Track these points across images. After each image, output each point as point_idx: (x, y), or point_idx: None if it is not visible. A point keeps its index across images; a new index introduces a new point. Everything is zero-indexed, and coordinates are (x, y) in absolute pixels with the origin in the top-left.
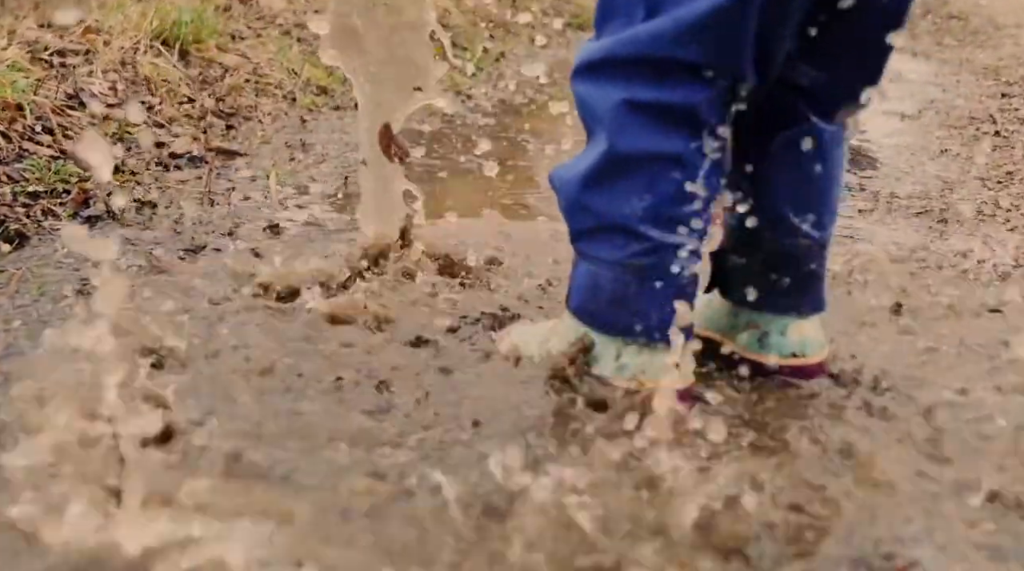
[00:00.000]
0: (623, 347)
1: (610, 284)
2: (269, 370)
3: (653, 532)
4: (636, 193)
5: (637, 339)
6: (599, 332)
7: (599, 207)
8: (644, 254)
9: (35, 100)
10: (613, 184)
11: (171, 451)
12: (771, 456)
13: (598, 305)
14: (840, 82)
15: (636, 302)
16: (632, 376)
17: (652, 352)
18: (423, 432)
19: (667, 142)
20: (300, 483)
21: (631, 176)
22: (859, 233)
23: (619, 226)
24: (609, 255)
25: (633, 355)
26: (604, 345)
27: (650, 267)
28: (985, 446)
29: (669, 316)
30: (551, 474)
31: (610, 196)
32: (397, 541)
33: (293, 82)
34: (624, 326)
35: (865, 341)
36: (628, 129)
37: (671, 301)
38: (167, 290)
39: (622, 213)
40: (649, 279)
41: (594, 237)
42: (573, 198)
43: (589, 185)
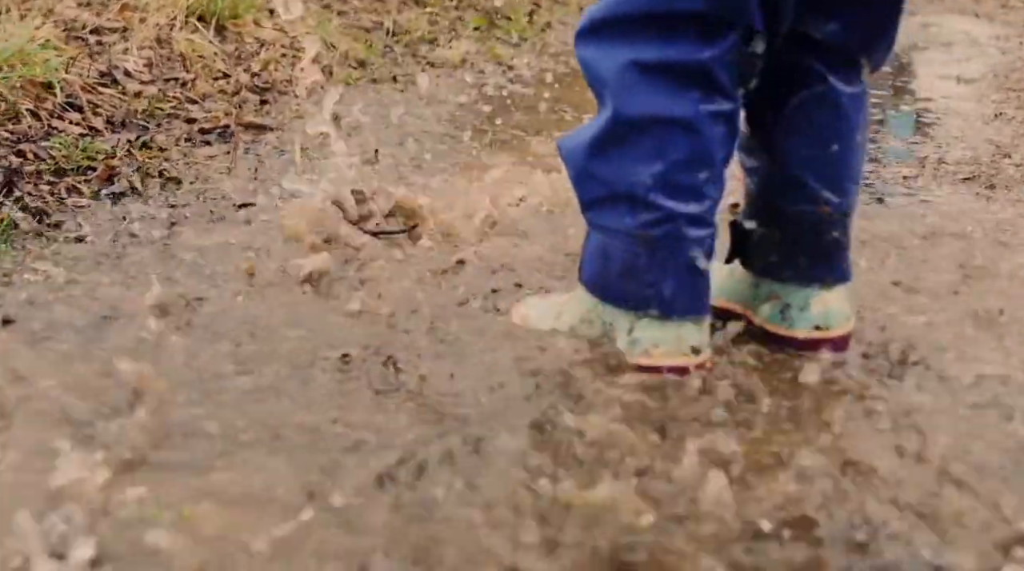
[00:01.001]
0: (635, 321)
1: (620, 255)
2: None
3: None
4: (645, 160)
5: (649, 312)
6: (611, 305)
7: (607, 175)
8: (654, 224)
9: (65, 78)
10: (621, 151)
11: None
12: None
13: (609, 277)
14: (852, 34)
15: (647, 274)
16: (644, 351)
17: (665, 326)
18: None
19: (676, 105)
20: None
21: (639, 142)
22: (897, 199)
23: (628, 195)
24: (619, 225)
25: (645, 329)
26: (616, 319)
27: (661, 237)
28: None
29: (683, 288)
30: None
31: (618, 163)
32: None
33: (330, 55)
34: (636, 299)
35: (897, 312)
36: (634, 92)
37: (684, 273)
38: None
39: (630, 181)
40: (660, 250)
41: (603, 206)
42: (581, 166)
43: (596, 152)
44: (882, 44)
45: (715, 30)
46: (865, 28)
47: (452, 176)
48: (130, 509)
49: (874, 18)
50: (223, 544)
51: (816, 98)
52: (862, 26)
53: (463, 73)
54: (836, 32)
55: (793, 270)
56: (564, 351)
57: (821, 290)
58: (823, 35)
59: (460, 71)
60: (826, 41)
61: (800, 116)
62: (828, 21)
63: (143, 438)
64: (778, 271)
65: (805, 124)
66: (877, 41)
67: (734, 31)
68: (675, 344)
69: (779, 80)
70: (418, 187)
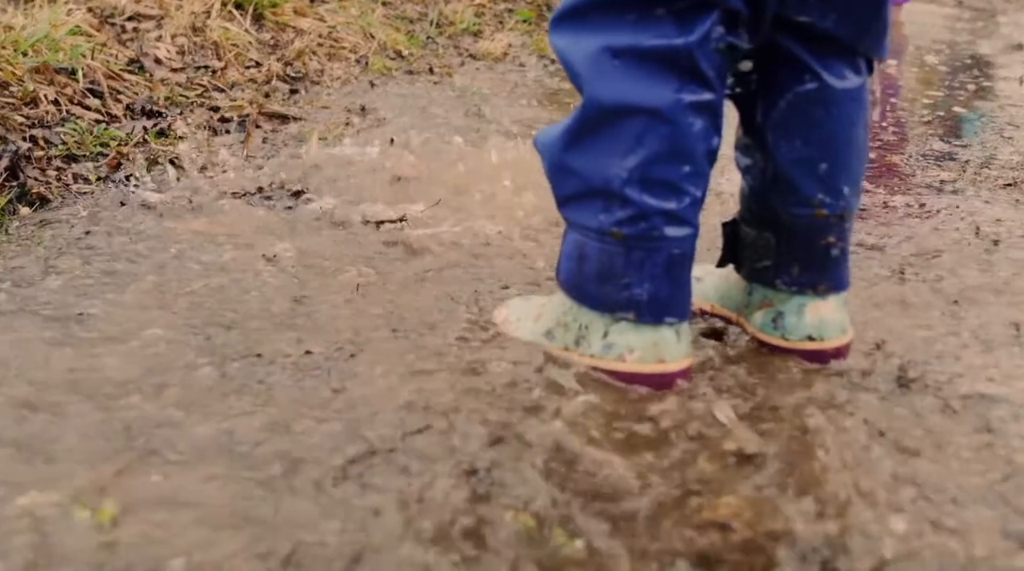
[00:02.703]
0: (610, 325)
1: (595, 255)
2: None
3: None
4: (619, 152)
5: (625, 315)
6: (586, 307)
7: (582, 168)
8: (629, 221)
9: (89, 64)
10: (596, 141)
11: None
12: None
13: (584, 278)
14: (835, 17)
15: (623, 275)
16: (619, 356)
17: (640, 330)
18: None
19: (651, 93)
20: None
21: (613, 132)
22: (929, 203)
23: (603, 190)
24: (594, 223)
25: (620, 333)
26: (591, 322)
27: (637, 236)
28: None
29: (660, 291)
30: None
31: (593, 155)
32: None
33: (368, 46)
34: (611, 302)
35: (901, 325)
36: (609, 78)
37: (662, 275)
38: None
39: (605, 174)
40: (636, 250)
41: (579, 203)
42: (556, 160)
43: (571, 144)
44: (871, 30)
45: (693, 13)
46: (847, 11)
47: (457, 173)
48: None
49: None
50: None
51: (809, 94)
52: (844, 9)
53: (503, 66)
54: (819, 16)
55: (786, 276)
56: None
57: (815, 298)
58: (811, 20)
59: (501, 64)
60: (812, 27)
61: (792, 113)
62: (809, 4)
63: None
64: (771, 277)
65: (797, 122)
66: (863, 26)
67: (713, 14)
68: (650, 350)
69: (770, 75)
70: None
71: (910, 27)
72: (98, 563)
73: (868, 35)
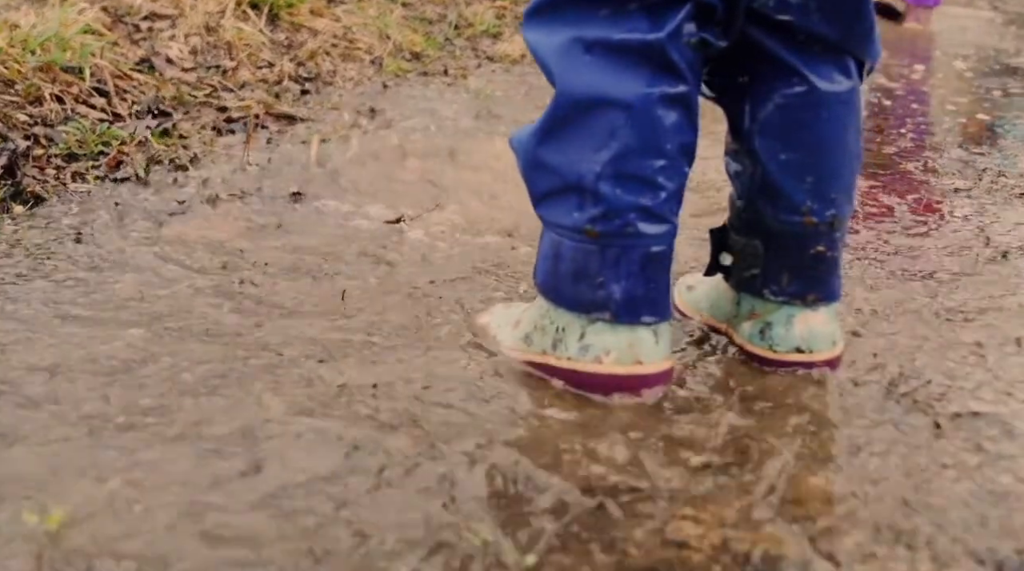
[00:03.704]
0: (587, 326)
1: (571, 254)
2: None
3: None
4: (591, 146)
5: (601, 316)
6: (562, 309)
7: (555, 163)
8: (604, 218)
9: (97, 63)
10: (568, 136)
11: None
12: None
13: (560, 279)
14: (822, 17)
15: (598, 274)
16: (595, 357)
17: (617, 331)
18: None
19: (622, 85)
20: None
21: (585, 125)
22: (937, 213)
23: (576, 185)
24: (568, 221)
25: (596, 334)
26: (568, 324)
27: (612, 233)
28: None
29: (636, 290)
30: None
31: (566, 150)
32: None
33: (383, 47)
34: (586, 302)
35: (897, 337)
36: (580, 71)
37: (638, 273)
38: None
39: (578, 169)
40: (611, 247)
41: (554, 200)
42: (530, 156)
43: (544, 139)
44: (854, 28)
45: (665, 8)
46: (827, 9)
47: (458, 176)
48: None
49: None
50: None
51: (797, 98)
52: (824, 7)
53: (521, 69)
54: (799, 14)
55: (775, 286)
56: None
57: (804, 309)
58: (789, 18)
59: (518, 67)
60: (794, 27)
61: (780, 117)
62: (790, 3)
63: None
64: (759, 287)
65: (785, 126)
66: (846, 24)
67: (685, 8)
68: (627, 351)
69: (757, 79)
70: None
71: (942, 31)
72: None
73: (852, 34)
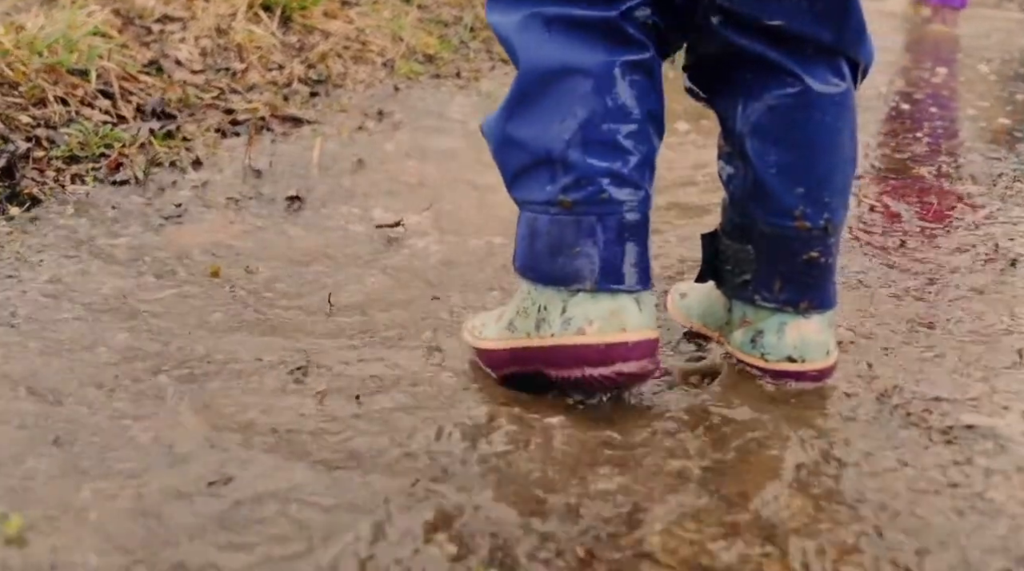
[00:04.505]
0: (568, 299)
1: (546, 228)
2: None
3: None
4: (559, 116)
5: (581, 286)
6: (542, 286)
7: (524, 138)
8: (576, 186)
9: (103, 65)
10: (535, 108)
11: None
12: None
13: (537, 256)
14: (804, 17)
15: (575, 244)
16: (579, 329)
17: (598, 299)
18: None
19: (583, 54)
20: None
21: (550, 95)
22: (946, 219)
23: (546, 157)
24: (541, 194)
25: (578, 305)
26: (549, 301)
27: (585, 201)
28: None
29: (614, 257)
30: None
31: (533, 123)
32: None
33: (396, 49)
34: (565, 274)
35: (895, 347)
36: (542, 45)
37: (614, 239)
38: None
39: (547, 140)
40: (587, 216)
41: (527, 177)
42: (499, 136)
43: (512, 116)
44: (848, 29)
45: None
46: (814, 9)
47: (461, 179)
48: None
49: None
50: None
51: (789, 98)
52: (811, 8)
53: None
54: (790, 17)
55: (766, 292)
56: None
57: (797, 317)
58: (777, 21)
59: None
60: (783, 30)
61: (772, 118)
62: (768, 2)
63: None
64: (751, 293)
65: (777, 127)
66: (837, 25)
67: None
68: (610, 320)
69: (748, 79)
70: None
71: (968, 34)
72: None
73: (844, 36)
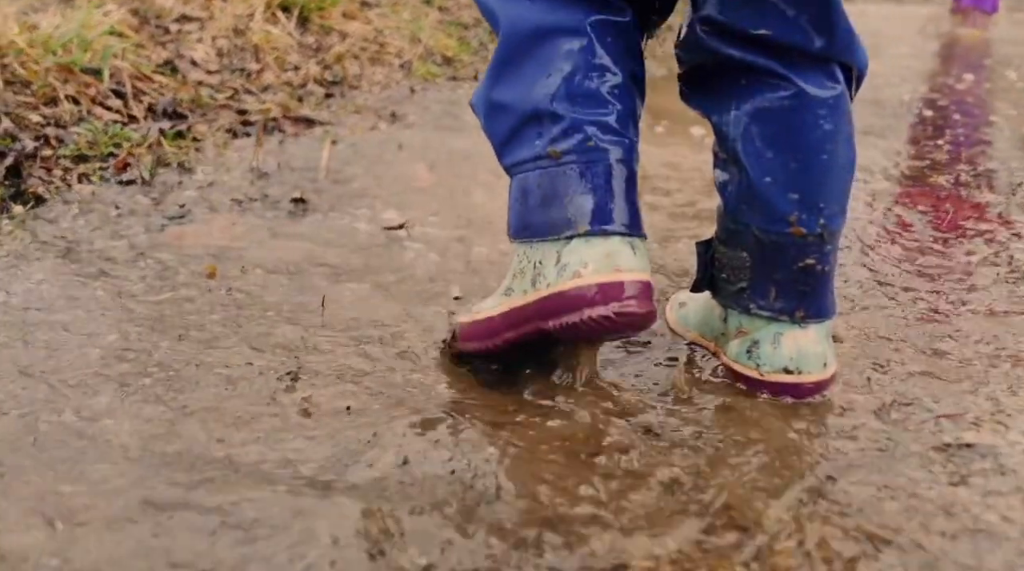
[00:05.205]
0: (563, 248)
1: (536, 182)
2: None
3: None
4: (544, 73)
5: (575, 231)
6: (537, 242)
7: (511, 99)
8: (564, 135)
9: (116, 64)
10: (519, 69)
11: None
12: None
13: (530, 212)
14: (786, 23)
15: (565, 193)
16: (575, 273)
17: (591, 243)
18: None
19: (563, 15)
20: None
21: (535, 55)
22: (961, 229)
23: (533, 114)
24: (531, 151)
25: (572, 251)
26: (544, 255)
27: (573, 149)
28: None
29: (604, 202)
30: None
31: (517, 83)
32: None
33: (414, 51)
34: (558, 223)
35: (897, 360)
36: (520, 6)
37: (603, 184)
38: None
39: (534, 98)
40: (575, 164)
41: (516, 139)
42: (486, 103)
43: (496, 80)
44: (834, 34)
45: None
46: (799, 19)
47: (471, 182)
48: None
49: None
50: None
51: (783, 102)
52: (796, 18)
53: None
54: (771, 26)
55: (762, 301)
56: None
57: (793, 327)
58: (762, 31)
59: None
60: (770, 39)
61: (765, 122)
62: (753, 13)
63: None
64: (746, 301)
65: (771, 131)
66: (821, 31)
67: None
68: (604, 261)
69: (740, 85)
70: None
71: (999, 39)
72: None
73: (835, 43)
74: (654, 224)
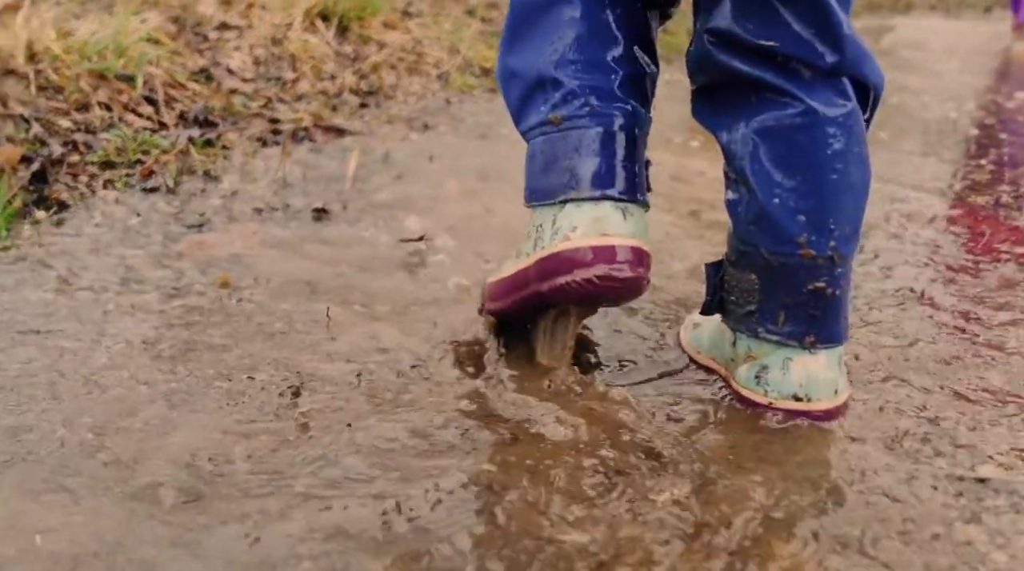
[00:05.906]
0: (558, 212)
1: (540, 147)
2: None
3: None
4: (549, 40)
5: (568, 196)
6: (537, 205)
7: (520, 66)
8: (564, 101)
9: (150, 71)
10: (525, 37)
11: None
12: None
13: (534, 176)
14: (789, 34)
15: (563, 156)
16: (564, 236)
17: (581, 207)
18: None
19: None
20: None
21: (540, 24)
22: (996, 252)
23: (539, 80)
24: (537, 117)
25: (565, 216)
26: (544, 219)
27: (572, 115)
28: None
29: (597, 167)
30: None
31: (524, 50)
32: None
33: (452, 61)
34: (555, 187)
35: (918, 384)
36: None
37: (597, 149)
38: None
39: (539, 64)
40: (574, 130)
41: (527, 105)
42: (501, 70)
43: (508, 49)
44: (842, 48)
45: None
46: (803, 33)
47: (497, 195)
48: None
49: (802, 11)
50: None
51: (791, 119)
52: (801, 31)
53: None
54: (777, 37)
55: (771, 325)
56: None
57: (803, 352)
58: (769, 42)
59: None
60: (776, 52)
61: (773, 141)
62: (760, 24)
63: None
64: (755, 325)
65: (779, 150)
66: (828, 44)
67: None
68: (592, 225)
69: (751, 101)
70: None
71: None
72: None
73: (844, 59)
74: (689, 235)
